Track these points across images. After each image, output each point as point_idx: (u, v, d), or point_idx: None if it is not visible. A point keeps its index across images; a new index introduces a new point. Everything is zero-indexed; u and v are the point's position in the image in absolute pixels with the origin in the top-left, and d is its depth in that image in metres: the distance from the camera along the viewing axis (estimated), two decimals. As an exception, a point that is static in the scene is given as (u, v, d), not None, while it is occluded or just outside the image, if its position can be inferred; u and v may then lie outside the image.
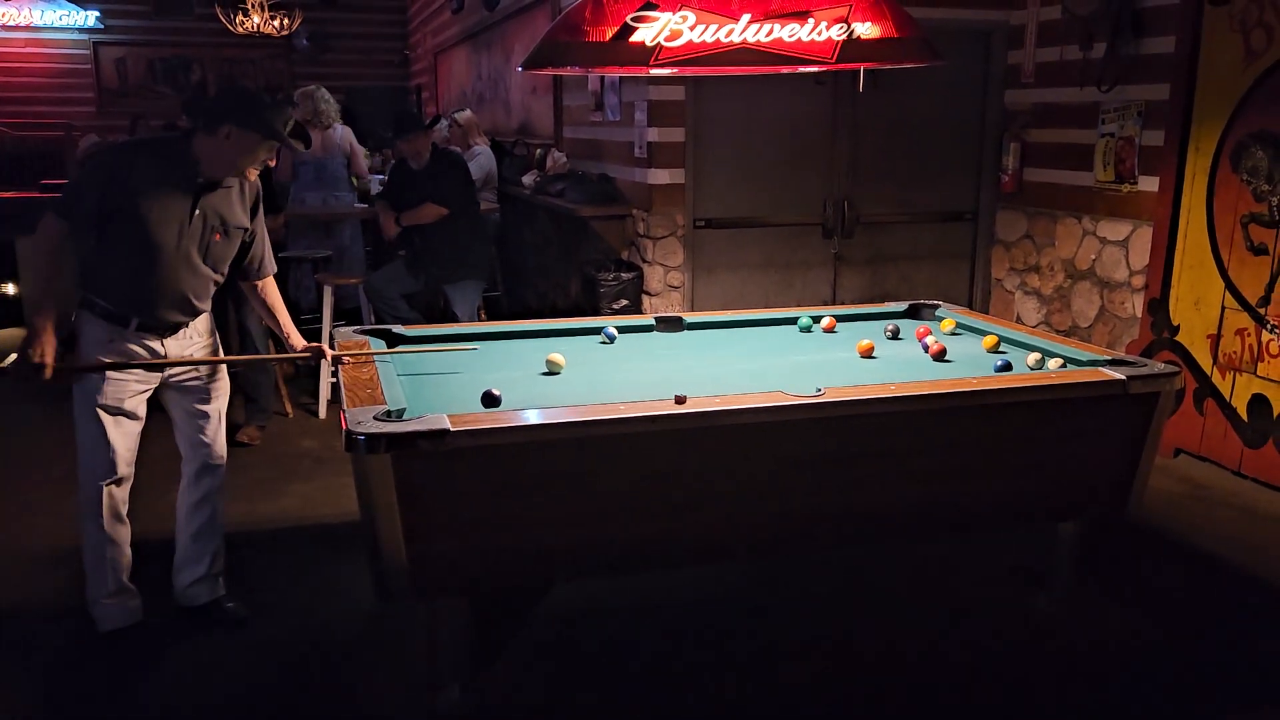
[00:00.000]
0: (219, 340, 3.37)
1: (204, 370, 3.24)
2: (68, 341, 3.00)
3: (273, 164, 3.13)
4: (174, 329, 3.12)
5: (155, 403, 3.24)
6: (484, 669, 3.05)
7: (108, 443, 3.04)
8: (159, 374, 3.13)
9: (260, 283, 3.38)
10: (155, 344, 3.09)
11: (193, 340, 3.20)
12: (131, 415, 3.09)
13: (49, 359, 2.88)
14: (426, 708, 2.85)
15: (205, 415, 3.26)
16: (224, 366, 3.35)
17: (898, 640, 3.28)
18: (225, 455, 3.37)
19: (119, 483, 3.11)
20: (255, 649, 3.19)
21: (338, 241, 7.28)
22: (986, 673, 3.11)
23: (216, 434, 3.31)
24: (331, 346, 3.40)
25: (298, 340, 3.37)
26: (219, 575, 3.39)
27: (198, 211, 3.04)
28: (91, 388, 3.01)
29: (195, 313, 3.17)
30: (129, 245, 2.97)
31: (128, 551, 3.19)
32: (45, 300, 2.93)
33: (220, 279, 3.21)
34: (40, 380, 2.88)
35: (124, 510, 3.15)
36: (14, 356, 2.88)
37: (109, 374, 3.00)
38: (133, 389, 3.07)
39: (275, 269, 3.40)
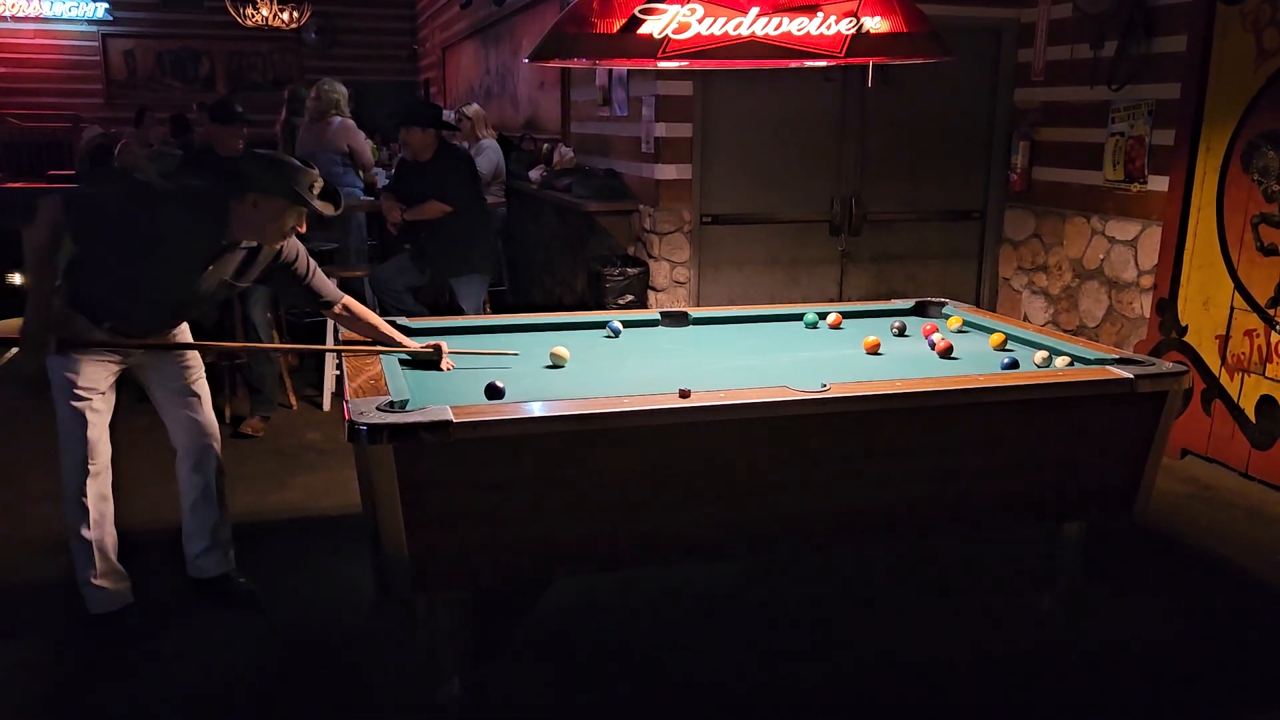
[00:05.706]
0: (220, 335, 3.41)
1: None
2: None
3: (302, 229, 3.12)
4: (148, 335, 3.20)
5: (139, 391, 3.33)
6: (484, 663, 3.04)
7: (86, 428, 3.09)
8: (130, 354, 3.18)
9: (341, 307, 3.31)
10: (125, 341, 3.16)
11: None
12: (105, 396, 3.16)
13: (54, 331, 2.96)
14: (427, 701, 2.84)
15: (192, 392, 3.32)
16: (192, 343, 3.38)
17: (899, 640, 3.26)
18: (217, 430, 3.40)
19: (101, 464, 3.15)
20: (256, 640, 3.19)
21: (327, 235, 7.20)
22: (990, 673, 3.09)
23: (203, 407, 3.35)
24: (336, 338, 3.39)
25: (409, 342, 3.32)
26: (227, 549, 3.42)
27: (211, 267, 3.08)
28: (68, 377, 3.05)
29: (176, 329, 3.28)
30: (132, 278, 3.01)
31: (113, 531, 3.21)
32: (45, 275, 2.96)
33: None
34: (47, 354, 2.98)
35: (108, 490, 3.18)
36: (12, 351, 2.95)
37: (84, 362, 3.06)
38: (109, 369, 3.13)
39: (339, 294, 3.34)
